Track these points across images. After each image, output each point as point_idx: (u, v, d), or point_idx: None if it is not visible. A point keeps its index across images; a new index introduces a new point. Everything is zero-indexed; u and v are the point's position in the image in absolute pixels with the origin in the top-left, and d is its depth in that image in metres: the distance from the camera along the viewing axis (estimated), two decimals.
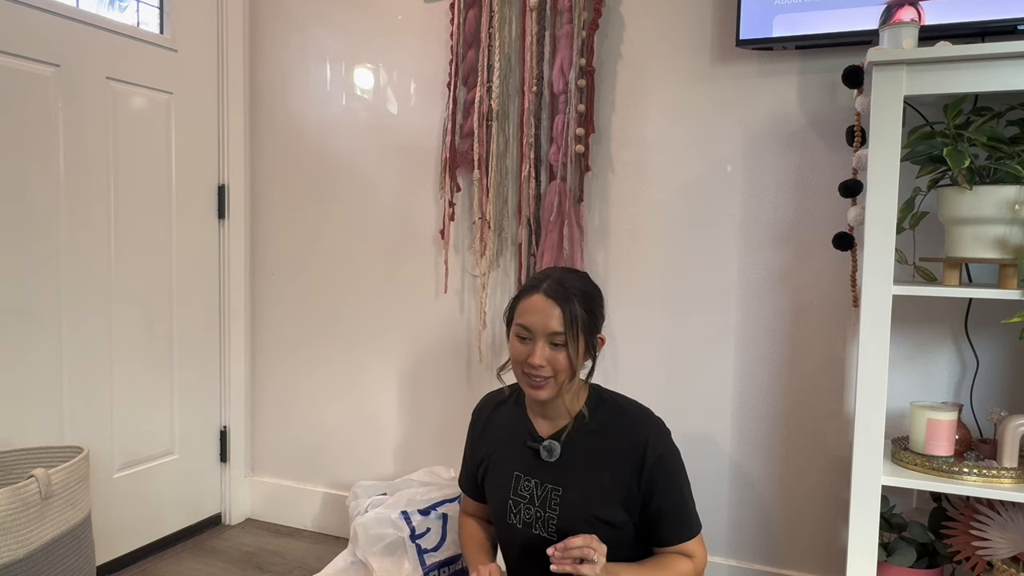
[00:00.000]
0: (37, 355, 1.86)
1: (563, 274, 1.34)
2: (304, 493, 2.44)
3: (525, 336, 1.32)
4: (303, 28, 2.33)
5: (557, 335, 1.29)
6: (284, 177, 2.40)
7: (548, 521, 1.35)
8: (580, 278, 1.36)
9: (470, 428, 1.56)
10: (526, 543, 1.39)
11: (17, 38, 1.78)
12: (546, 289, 1.30)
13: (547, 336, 1.29)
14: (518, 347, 1.33)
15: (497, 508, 1.43)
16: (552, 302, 1.29)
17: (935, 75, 1.34)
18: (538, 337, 1.30)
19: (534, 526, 1.37)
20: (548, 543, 1.35)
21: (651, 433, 1.34)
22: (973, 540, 1.47)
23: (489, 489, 1.46)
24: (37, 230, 1.84)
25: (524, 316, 1.32)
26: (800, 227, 1.81)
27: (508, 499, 1.40)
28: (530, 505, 1.37)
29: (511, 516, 1.40)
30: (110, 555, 2.09)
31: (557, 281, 1.32)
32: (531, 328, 1.30)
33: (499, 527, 1.45)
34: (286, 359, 2.45)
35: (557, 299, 1.29)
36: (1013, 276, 1.35)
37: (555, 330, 1.28)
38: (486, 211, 2.05)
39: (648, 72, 1.92)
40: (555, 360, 1.29)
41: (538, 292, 1.31)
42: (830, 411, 1.81)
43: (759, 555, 1.90)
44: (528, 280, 1.40)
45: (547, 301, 1.29)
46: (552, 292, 1.30)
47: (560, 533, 1.33)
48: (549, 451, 1.36)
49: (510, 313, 1.37)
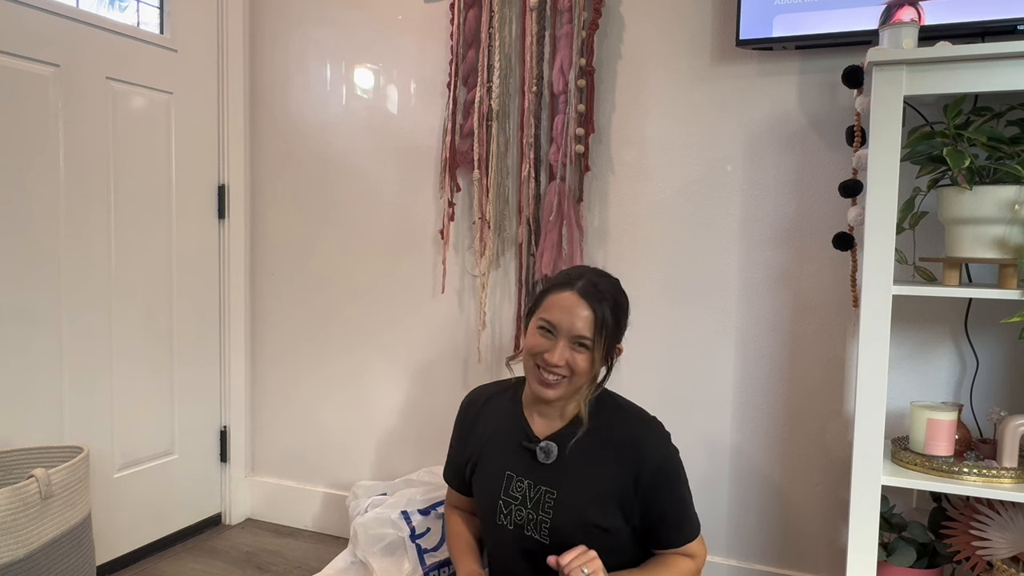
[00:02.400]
0: (37, 355, 1.86)
1: (597, 276, 1.30)
2: (304, 493, 2.44)
3: (548, 331, 1.28)
4: (303, 28, 2.33)
5: (583, 339, 1.25)
6: (284, 177, 2.40)
7: (541, 524, 1.32)
8: (613, 284, 1.32)
9: (457, 421, 1.51)
10: (517, 545, 1.36)
11: (17, 38, 1.78)
12: (580, 288, 1.26)
13: (571, 337, 1.26)
14: (537, 340, 1.28)
15: (486, 507, 1.39)
16: (584, 303, 1.25)
17: (935, 75, 1.34)
18: (561, 335, 1.26)
19: (526, 528, 1.34)
20: (541, 546, 1.33)
21: (650, 438, 1.32)
22: (973, 540, 1.47)
23: (478, 487, 1.42)
24: (37, 230, 1.84)
25: (551, 311, 1.27)
26: (800, 227, 1.81)
27: (499, 499, 1.37)
28: (522, 507, 1.34)
29: (501, 517, 1.36)
30: (110, 555, 2.09)
31: (591, 282, 1.28)
32: (556, 325, 1.26)
33: (487, 527, 1.42)
34: (286, 359, 2.45)
35: (590, 300, 1.25)
36: (1013, 276, 1.35)
37: (581, 333, 1.25)
38: (486, 211, 2.05)
39: (648, 72, 1.92)
40: (574, 362, 1.26)
41: (571, 289, 1.26)
42: (830, 411, 1.81)
43: (759, 555, 1.90)
44: (560, 274, 1.34)
45: (579, 301, 1.25)
46: (585, 292, 1.26)
47: (553, 536, 1.31)
48: (546, 453, 1.33)
49: (534, 303, 1.33)
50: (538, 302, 1.32)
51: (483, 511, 1.41)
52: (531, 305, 1.34)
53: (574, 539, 1.30)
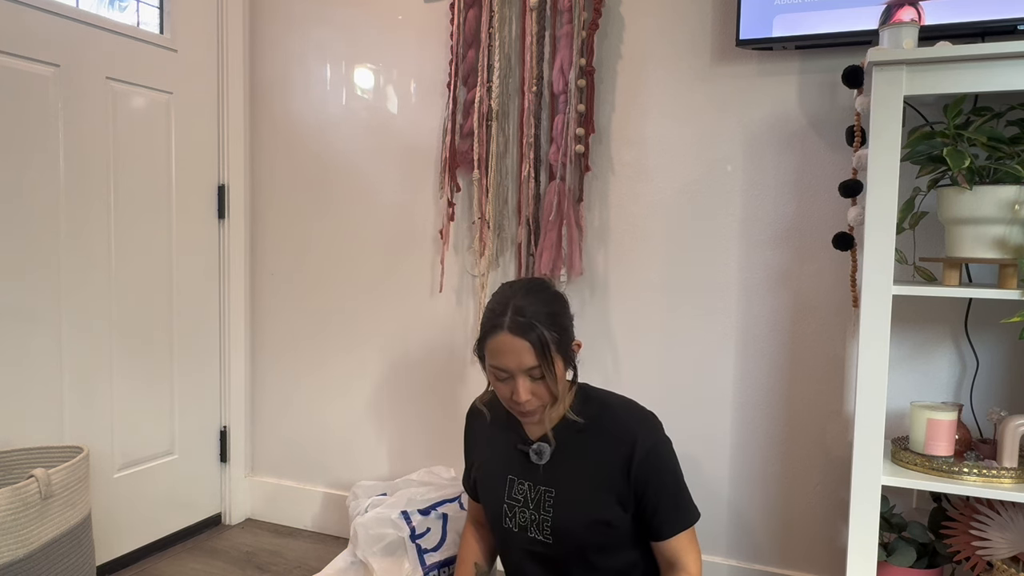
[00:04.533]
0: (37, 355, 1.86)
1: (521, 298, 1.29)
2: (304, 493, 2.44)
3: (504, 376, 1.30)
4: (303, 28, 2.33)
5: (534, 369, 1.27)
6: (284, 177, 2.40)
7: (543, 523, 1.34)
8: (537, 297, 1.31)
9: (465, 432, 1.58)
10: (523, 547, 1.39)
11: (17, 38, 1.78)
12: (509, 326, 1.26)
13: (525, 371, 1.27)
14: (500, 387, 1.31)
15: (492, 512, 1.43)
16: (518, 338, 1.25)
17: (935, 75, 1.34)
18: (516, 375, 1.28)
19: (530, 529, 1.37)
20: (545, 546, 1.35)
21: (638, 426, 1.33)
22: (973, 540, 1.47)
23: (483, 492, 1.46)
24: (37, 230, 1.84)
25: (497, 358, 1.28)
26: (800, 227, 1.81)
27: (503, 503, 1.40)
28: (524, 508, 1.37)
29: (507, 520, 1.40)
30: (110, 555, 2.09)
31: (516, 311, 1.27)
32: (506, 368, 1.28)
33: (496, 531, 1.45)
34: (286, 358, 2.45)
35: (522, 334, 1.25)
36: (1013, 276, 1.35)
37: (531, 365, 1.26)
38: (486, 211, 2.05)
39: (648, 72, 1.92)
40: (538, 391, 1.29)
41: (502, 331, 1.26)
42: (830, 411, 1.81)
43: (759, 555, 1.90)
44: (488, 314, 1.32)
45: (513, 338, 1.25)
46: (515, 327, 1.25)
47: (555, 535, 1.33)
48: (539, 454, 1.37)
49: (480, 351, 1.33)
50: (482, 348, 1.32)
51: (491, 516, 1.44)
52: (478, 350, 1.34)
53: (576, 537, 1.31)
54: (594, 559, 1.34)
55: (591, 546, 1.33)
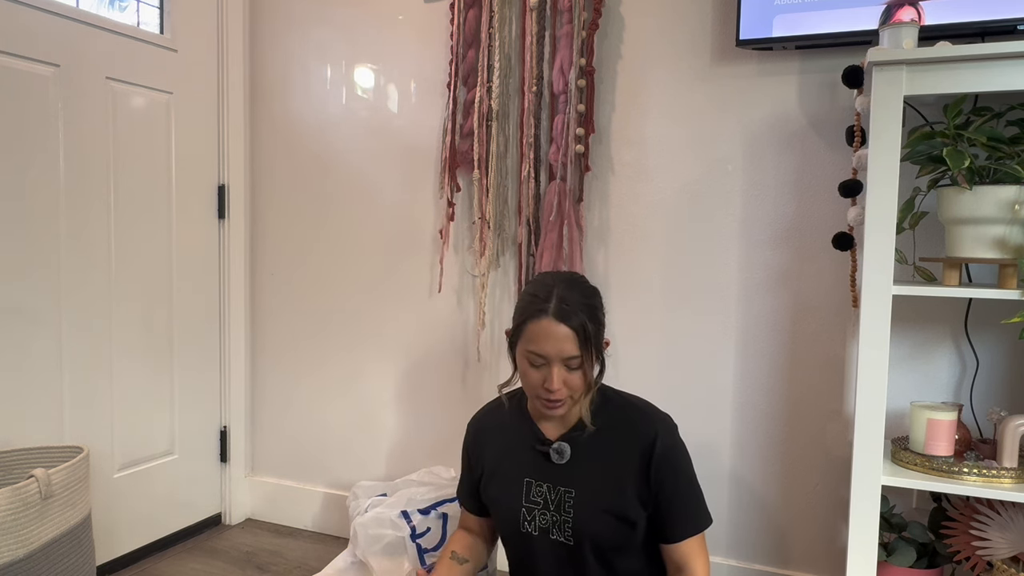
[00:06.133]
0: (37, 355, 1.86)
1: (565, 289, 1.29)
2: (304, 493, 2.44)
3: (539, 363, 1.27)
4: (303, 28, 2.33)
5: (573, 359, 1.25)
6: (284, 177, 2.40)
7: (564, 524, 1.32)
8: (580, 288, 1.31)
9: (467, 445, 1.50)
10: (543, 550, 1.36)
11: (17, 38, 1.78)
12: (555, 311, 1.25)
13: (562, 360, 1.25)
14: (532, 373, 1.29)
15: (508, 518, 1.38)
16: (564, 325, 1.24)
17: (935, 75, 1.34)
18: (553, 362, 1.26)
19: (551, 531, 1.34)
20: (566, 548, 1.33)
21: (658, 427, 1.32)
22: (973, 540, 1.47)
23: (497, 500, 1.41)
24: (37, 230, 1.84)
25: (536, 343, 1.26)
26: (800, 227, 1.81)
27: (521, 506, 1.36)
28: (545, 510, 1.35)
29: (525, 524, 1.36)
30: (110, 555, 2.09)
31: (561, 299, 1.26)
32: (545, 354, 1.26)
33: (511, 538, 1.41)
34: (286, 359, 2.45)
35: (568, 321, 1.24)
36: (1013, 276, 1.35)
37: (571, 354, 1.25)
38: (486, 211, 2.05)
39: (648, 72, 1.92)
40: (571, 381, 1.27)
41: (547, 315, 1.25)
42: (830, 411, 1.81)
43: (759, 555, 1.90)
44: (530, 297, 1.30)
45: (558, 325, 1.24)
46: (561, 314, 1.24)
47: (576, 536, 1.32)
48: (560, 453, 1.34)
49: (516, 333, 1.31)
50: (518, 332, 1.30)
51: (505, 522, 1.40)
52: (513, 335, 1.32)
53: (597, 537, 1.30)
54: (612, 559, 1.33)
55: (612, 547, 1.32)
